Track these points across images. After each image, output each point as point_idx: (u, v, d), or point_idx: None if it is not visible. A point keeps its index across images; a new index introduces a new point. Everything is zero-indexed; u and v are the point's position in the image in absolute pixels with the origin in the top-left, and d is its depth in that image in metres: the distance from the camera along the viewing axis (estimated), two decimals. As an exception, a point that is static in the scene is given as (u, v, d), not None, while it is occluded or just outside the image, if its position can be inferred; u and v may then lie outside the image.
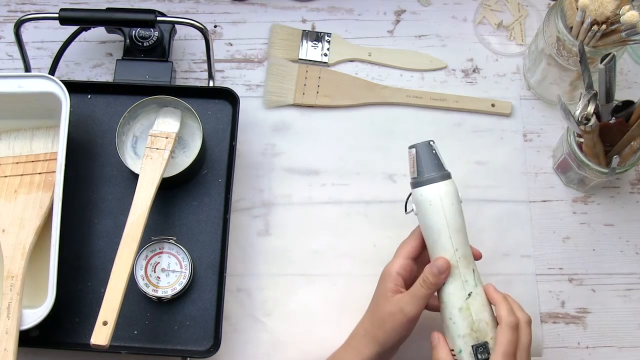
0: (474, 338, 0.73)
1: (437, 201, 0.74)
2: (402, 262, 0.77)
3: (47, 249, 0.78)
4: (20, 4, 0.99)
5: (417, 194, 0.76)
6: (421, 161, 0.76)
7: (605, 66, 0.77)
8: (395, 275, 0.77)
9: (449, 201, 0.74)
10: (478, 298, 0.74)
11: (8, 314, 0.76)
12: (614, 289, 0.89)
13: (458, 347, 0.73)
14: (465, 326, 0.73)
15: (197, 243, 0.85)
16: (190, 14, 0.99)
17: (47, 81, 0.83)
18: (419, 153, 0.76)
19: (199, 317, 0.83)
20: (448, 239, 0.74)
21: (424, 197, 0.75)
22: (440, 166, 0.76)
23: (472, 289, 0.74)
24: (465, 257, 0.75)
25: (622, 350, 0.88)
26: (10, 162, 0.86)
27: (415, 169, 0.76)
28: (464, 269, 0.74)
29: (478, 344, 0.72)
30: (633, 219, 0.92)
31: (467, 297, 0.74)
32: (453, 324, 0.73)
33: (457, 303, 0.74)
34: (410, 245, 0.78)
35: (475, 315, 0.73)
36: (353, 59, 0.97)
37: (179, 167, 0.84)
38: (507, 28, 0.99)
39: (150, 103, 0.86)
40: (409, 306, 0.74)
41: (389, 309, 0.75)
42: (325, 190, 0.92)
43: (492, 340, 0.73)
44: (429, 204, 0.74)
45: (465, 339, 0.73)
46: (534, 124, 0.95)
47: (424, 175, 0.75)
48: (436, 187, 0.75)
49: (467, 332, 0.73)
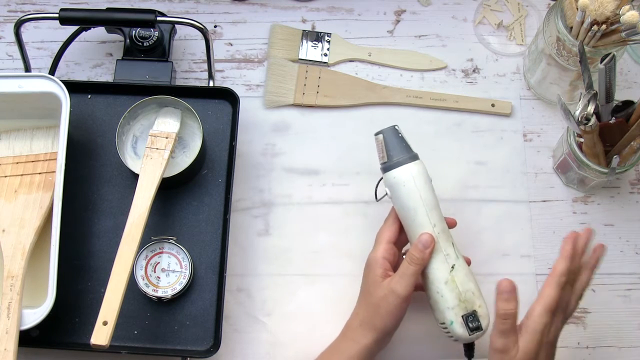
0: (463, 308, 0.75)
1: (411, 181, 0.77)
2: (385, 246, 0.79)
3: (47, 249, 0.78)
4: (20, 4, 0.99)
5: (389, 177, 0.78)
6: (389, 145, 0.78)
7: (605, 66, 0.77)
8: (382, 261, 0.78)
9: (422, 180, 0.77)
10: (461, 269, 0.76)
11: (8, 314, 0.76)
12: (614, 289, 0.89)
13: (449, 319, 0.75)
14: (453, 298, 0.75)
15: (197, 243, 0.85)
16: (190, 14, 0.99)
17: (47, 81, 0.83)
18: (387, 138, 0.79)
19: (199, 317, 0.83)
20: (425, 216, 0.76)
21: (397, 179, 0.77)
22: (408, 148, 0.79)
23: (454, 261, 0.76)
24: (444, 231, 0.77)
25: (622, 350, 0.88)
26: (10, 162, 0.86)
27: (385, 154, 0.79)
28: (444, 243, 0.77)
29: (467, 313, 0.75)
30: (633, 219, 0.92)
31: (451, 269, 0.76)
32: (441, 297, 0.75)
33: (443, 277, 0.76)
34: (389, 230, 0.80)
35: (461, 286, 0.75)
36: (353, 59, 0.97)
37: (179, 167, 0.84)
38: (507, 28, 0.99)
39: (150, 103, 0.86)
40: (399, 286, 0.75)
41: (381, 294, 0.76)
42: (325, 190, 0.92)
43: (480, 308, 0.75)
44: (402, 185, 0.77)
45: (454, 310, 0.75)
46: (534, 124, 0.95)
47: (394, 159, 0.78)
48: (407, 168, 0.77)
49: (456, 303, 0.75)
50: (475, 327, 0.75)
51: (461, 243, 0.82)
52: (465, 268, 0.77)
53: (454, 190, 0.92)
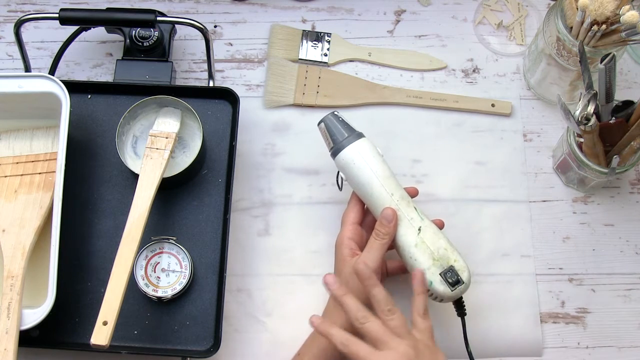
0: (439, 266, 0.77)
1: (359, 157, 0.80)
2: (350, 227, 0.81)
3: (47, 249, 0.78)
4: (20, 4, 0.99)
5: (339, 161, 0.81)
6: (332, 130, 0.81)
7: (605, 66, 0.77)
8: (348, 241, 0.80)
9: (370, 154, 0.80)
10: (428, 230, 0.78)
11: (8, 314, 0.76)
12: (614, 289, 0.89)
13: (428, 280, 0.76)
14: (426, 258, 0.77)
15: (197, 243, 0.85)
16: (190, 14, 0.99)
17: (47, 81, 0.83)
18: (328, 124, 0.82)
19: (199, 317, 0.83)
20: (381, 187, 0.79)
21: (346, 158, 0.80)
22: (351, 129, 0.82)
23: (419, 223, 0.78)
24: (403, 198, 0.79)
25: (622, 350, 0.88)
26: (10, 162, 0.86)
27: (330, 139, 0.81)
28: (406, 209, 0.79)
29: (444, 270, 0.77)
30: (633, 219, 0.92)
31: (418, 232, 0.78)
32: (415, 260, 0.77)
33: (411, 240, 0.77)
34: (352, 211, 0.82)
35: (431, 245, 0.77)
36: (353, 59, 0.97)
37: (179, 167, 0.84)
38: (507, 28, 0.99)
39: (150, 103, 0.86)
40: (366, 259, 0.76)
41: (349, 270, 0.78)
42: (325, 190, 0.92)
43: (456, 262, 0.77)
44: (352, 163, 0.80)
45: (431, 270, 0.76)
46: (534, 124, 0.95)
47: (339, 142, 0.81)
48: (353, 146, 0.80)
49: (430, 263, 0.77)
50: (455, 281, 0.76)
51: (461, 243, 0.82)
52: (432, 227, 0.79)
53: (454, 190, 0.92)
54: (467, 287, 0.78)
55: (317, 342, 0.78)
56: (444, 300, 0.78)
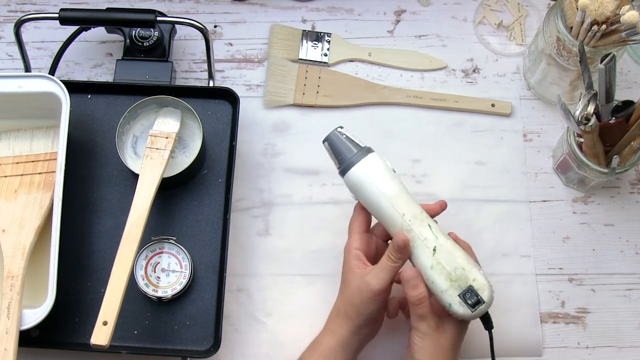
0: (457, 287, 0.73)
1: (365, 178, 0.76)
2: (356, 237, 0.79)
3: (47, 249, 0.78)
4: (20, 4, 0.99)
5: (347, 181, 0.78)
6: (336, 151, 0.78)
7: (605, 66, 0.77)
8: (355, 252, 0.78)
9: (376, 173, 0.76)
10: (444, 249, 0.74)
11: (8, 314, 0.76)
12: (614, 289, 0.89)
13: (447, 302, 0.73)
14: (443, 280, 0.73)
15: (197, 243, 0.85)
16: (190, 14, 0.99)
17: (47, 81, 0.83)
18: (331, 144, 0.78)
19: (199, 317, 0.83)
20: (390, 208, 0.75)
21: (352, 180, 0.77)
22: (355, 146, 0.77)
23: (434, 243, 0.74)
24: (415, 217, 0.75)
25: (622, 350, 0.88)
26: (10, 162, 0.86)
27: (335, 159, 0.78)
28: (419, 229, 0.75)
29: (463, 291, 0.73)
30: (633, 219, 0.92)
31: (433, 252, 0.74)
32: (432, 283, 0.74)
33: (427, 262, 0.74)
34: (358, 220, 0.80)
35: (448, 266, 0.74)
36: (353, 59, 0.97)
37: (179, 167, 0.84)
38: (507, 28, 0.99)
39: (150, 103, 0.86)
40: (374, 279, 0.75)
41: (356, 284, 0.76)
42: (325, 190, 0.92)
43: (475, 281, 0.73)
44: (359, 185, 0.76)
45: (449, 292, 0.73)
46: (534, 124, 0.95)
47: (344, 163, 0.77)
48: (358, 166, 0.76)
49: (448, 285, 0.73)
50: (475, 301, 0.73)
51: (461, 243, 0.82)
52: (448, 246, 0.74)
53: (454, 190, 0.92)
54: (490, 305, 0.74)
55: (318, 349, 0.78)
56: (467, 320, 0.75)
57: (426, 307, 0.74)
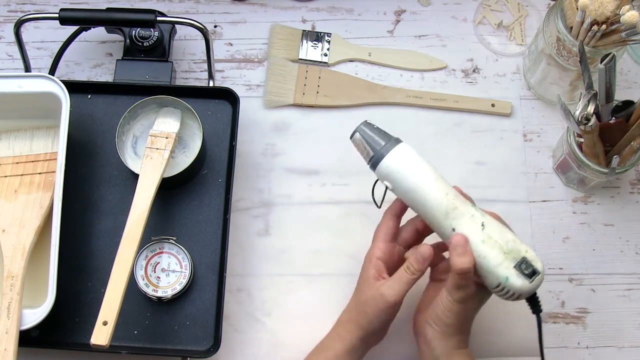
0: (511, 259, 0.71)
1: (404, 162, 0.74)
2: (381, 245, 0.77)
3: (47, 249, 0.78)
4: (20, 4, 0.99)
5: (383, 169, 0.75)
6: (369, 139, 0.76)
7: (605, 66, 0.77)
8: (376, 261, 0.77)
9: (415, 157, 0.74)
10: (492, 224, 0.73)
11: (8, 314, 0.76)
12: (614, 289, 0.89)
13: (503, 276, 0.71)
14: (497, 254, 0.71)
15: (197, 243, 0.85)
16: (190, 14, 0.99)
17: (47, 81, 0.83)
18: (364, 133, 0.76)
19: (199, 317, 0.83)
20: (435, 189, 0.73)
21: (391, 166, 0.74)
22: (388, 135, 0.76)
23: (481, 219, 0.73)
24: (457, 196, 0.74)
25: (622, 350, 0.88)
26: (10, 162, 0.86)
27: (369, 149, 0.75)
28: (464, 207, 0.73)
29: (518, 262, 0.71)
30: (633, 219, 0.92)
31: (482, 227, 0.72)
32: (484, 258, 0.72)
33: (478, 237, 0.72)
34: (386, 227, 0.78)
35: (499, 239, 0.72)
36: (353, 59, 0.97)
37: (179, 167, 0.84)
38: (507, 28, 0.99)
39: (150, 103, 0.86)
40: (390, 291, 0.74)
41: (371, 294, 0.75)
42: (325, 190, 0.92)
43: (527, 252, 0.72)
44: (398, 170, 0.74)
45: (504, 265, 0.71)
46: (534, 124, 0.95)
47: (379, 149, 0.75)
48: (395, 151, 0.74)
49: (502, 257, 0.71)
50: (531, 272, 0.70)
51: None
52: (495, 221, 0.73)
53: (454, 190, 0.91)
54: (543, 278, 0.72)
55: (326, 353, 0.78)
56: (522, 296, 0.72)
57: (469, 278, 0.71)
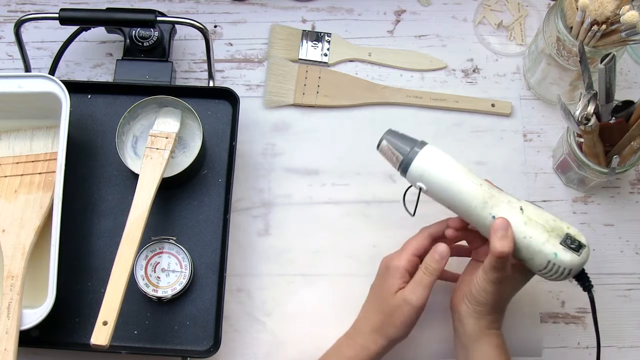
0: (556, 236, 0.73)
1: (435, 161, 0.75)
2: (410, 257, 0.77)
3: (47, 249, 0.78)
4: (20, 4, 0.99)
5: (415, 170, 0.75)
6: (397, 144, 0.77)
7: (605, 66, 0.77)
8: (403, 272, 0.77)
9: (441, 157, 0.76)
10: (530, 207, 0.74)
11: (8, 314, 0.76)
12: (614, 289, 0.89)
13: (551, 253, 0.72)
14: (541, 232, 0.73)
15: (197, 243, 0.85)
16: (190, 14, 0.99)
17: (47, 81, 0.83)
18: (391, 139, 0.77)
19: (199, 317, 0.83)
20: (469, 181, 0.75)
21: (422, 166, 0.75)
22: (413, 139, 0.77)
23: (519, 203, 0.75)
24: (490, 187, 0.76)
25: (622, 350, 0.88)
26: (10, 162, 0.86)
27: (398, 153, 0.76)
28: (499, 195, 0.75)
29: (564, 238, 0.72)
30: (633, 219, 0.92)
31: (521, 211, 0.74)
32: (530, 238, 0.73)
33: (520, 220, 0.73)
34: (418, 242, 0.78)
35: (540, 220, 0.73)
36: (353, 59, 0.97)
37: (179, 167, 0.84)
38: (507, 28, 0.99)
39: (150, 103, 0.86)
40: (413, 295, 0.74)
41: (396, 303, 0.75)
42: (325, 190, 0.92)
43: (570, 228, 0.73)
44: (430, 169, 0.75)
45: (551, 242, 0.72)
46: (534, 124, 0.95)
47: (408, 151, 0.76)
48: (424, 152, 0.75)
49: (547, 236, 0.72)
50: (578, 245, 0.72)
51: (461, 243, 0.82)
52: (532, 205, 0.75)
53: (454, 190, 0.91)
54: (589, 252, 0.74)
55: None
56: (573, 271, 0.73)
57: (506, 262, 0.72)
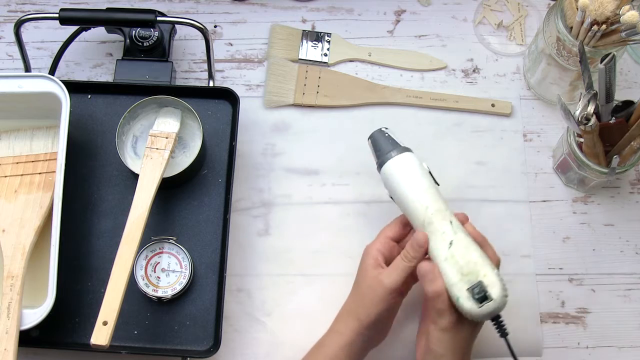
0: (467, 281, 0.73)
1: (397, 171, 0.79)
2: (383, 240, 0.79)
3: (47, 249, 0.78)
4: (20, 4, 0.99)
5: (382, 175, 0.81)
6: (377, 146, 0.82)
7: (605, 66, 0.77)
8: (375, 252, 0.78)
9: (408, 168, 0.79)
10: (460, 243, 0.75)
11: (8, 314, 0.76)
12: (614, 289, 0.89)
13: (455, 296, 0.73)
14: (454, 273, 0.73)
15: (197, 243, 0.85)
16: (190, 14, 0.99)
17: (47, 81, 0.83)
18: (374, 140, 0.82)
19: (199, 317, 0.83)
20: (416, 200, 0.77)
21: (386, 173, 0.80)
22: (395, 144, 0.81)
23: (451, 237, 0.75)
24: (439, 211, 0.77)
25: (622, 350, 0.88)
26: (10, 162, 0.86)
27: (375, 155, 0.82)
28: (439, 222, 0.76)
29: (472, 285, 0.73)
30: (633, 219, 0.92)
31: (449, 246, 0.75)
32: (445, 276, 0.74)
33: (442, 254, 0.75)
34: (392, 227, 0.81)
35: (461, 260, 0.74)
36: (353, 59, 0.97)
37: (179, 167, 0.84)
38: (507, 28, 0.99)
39: (150, 103, 0.86)
40: (388, 278, 0.75)
41: (368, 283, 0.77)
42: (325, 190, 0.92)
43: (486, 277, 0.73)
44: (391, 177, 0.79)
45: (458, 286, 0.73)
46: (534, 124, 0.95)
47: (382, 156, 0.80)
48: (393, 160, 0.79)
49: (458, 278, 0.73)
50: (482, 297, 0.72)
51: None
52: (465, 241, 0.75)
53: (454, 190, 0.91)
54: (500, 305, 0.73)
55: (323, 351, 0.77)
56: (474, 318, 0.73)
57: (445, 302, 0.73)
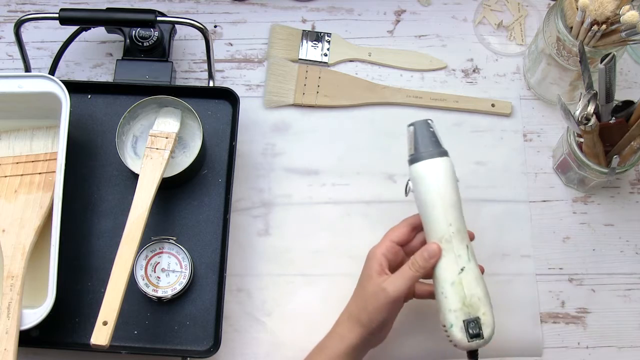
0: (466, 313, 0.72)
1: (432, 176, 0.75)
2: (388, 244, 0.77)
3: (47, 249, 0.78)
4: (20, 4, 0.99)
5: (413, 170, 0.76)
6: (418, 138, 0.76)
7: (605, 66, 0.77)
8: (380, 256, 0.76)
9: (444, 176, 0.75)
10: (471, 273, 0.73)
11: (8, 314, 0.76)
12: (614, 289, 0.89)
13: (449, 321, 0.72)
14: (456, 300, 0.72)
15: (197, 243, 0.85)
16: (190, 14, 0.99)
17: (47, 81, 0.83)
18: (417, 130, 0.77)
19: (199, 317, 0.83)
20: (441, 214, 0.74)
21: (419, 172, 0.75)
22: (436, 143, 0.76)
23: (465, 263, 0.73)
24: (459, 232, 0.74)
25: (622, 350, 0.88)
26: (10, 162, 0.86)
27: (412, 146, 0.77)
28: (458, 244, 0.74)
29: (469, 319, 0.72)
30: (633, 219, 0.92)
31: (460, 271, 0.73)
32: (445, 298, 0.73)
33: (450, 277, 0.73)
34: (399, 231, 0.78)
35: (467, 290, 0.73)
36: (353, 59, 0.97)
37: (179, 167, 0.84)
38: (507, 28, 0.99)
39: (150, 103, 0.86)
40: (392, 286, 0.74)
41: (372, 289, 0.75)
42: (325, 190, 0.92)
43: (485, 316, 0.72)
44: (423, 179, 0.75)
45: (456, 314, 0.72)
46: (534, 124, 0.95)
47: (420, 152, 0.76)
48: (431, 162, 0.75)
49: (459, 306, 0.72)
50: (475, 334, 0.72)
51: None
52: (476, 273, 0.74)
53: (454, 190, 0.91)
54: (485, 344, 0.73)
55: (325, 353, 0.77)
56: (458, 347, 0.73)
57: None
